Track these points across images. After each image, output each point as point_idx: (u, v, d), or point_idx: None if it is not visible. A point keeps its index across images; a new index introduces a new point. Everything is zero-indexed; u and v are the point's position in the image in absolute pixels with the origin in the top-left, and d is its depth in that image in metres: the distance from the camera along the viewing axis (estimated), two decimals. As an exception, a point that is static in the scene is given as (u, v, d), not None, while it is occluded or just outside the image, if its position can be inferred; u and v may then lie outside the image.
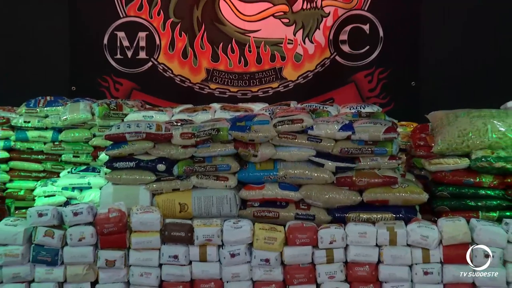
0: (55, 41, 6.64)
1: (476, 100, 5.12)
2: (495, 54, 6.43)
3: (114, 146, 4.50)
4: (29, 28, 6.59)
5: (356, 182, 4.37)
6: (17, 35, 6.58)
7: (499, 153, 4.53)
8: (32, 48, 6.58)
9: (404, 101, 6.43)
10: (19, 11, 6.56)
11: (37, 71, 6.48)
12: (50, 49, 6.63)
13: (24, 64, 6.52)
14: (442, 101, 5.24)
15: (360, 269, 4.22)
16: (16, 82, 6.29)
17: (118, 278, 4.26)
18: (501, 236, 4.21)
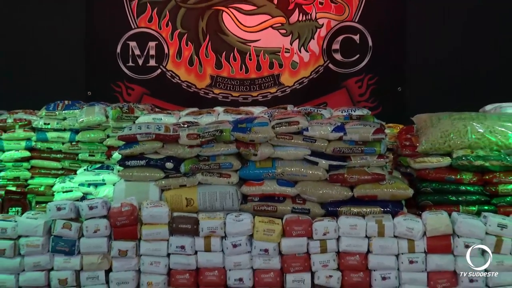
0: (72, 50, 6.63)
1: (457, 104, 5.12)
2: (474, 61, 6.43)
3: (126, 146, 4.49)
4: (49, 39, 6.58)
5: (348, 179, 4.37)
6: (38, 45, 6.58)
7: (478, 153, 4.53)
8: (51, 57, 6.57)
9: (391, 105, 6.42)
10: (39, 24, 6.57)
11: (56, 77, 6.48)
12: (68, 57, 6.62)
13: (45, 71, 6.51)
14: (426, 105, 5.23)
15: (351, 258, 4.22)
16: (37, 87, 6.29)
17: (130, 267, 4.26)
18: (480, 228, 4.22)
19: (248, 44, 6.66)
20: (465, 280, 4.21)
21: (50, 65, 6.54)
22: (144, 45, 6.66)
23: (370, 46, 6.60)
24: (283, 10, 6.61)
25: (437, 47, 6.50)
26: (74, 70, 6.59)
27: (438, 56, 6.50)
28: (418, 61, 6.55)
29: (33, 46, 6.56)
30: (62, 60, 6.59)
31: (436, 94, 6.18)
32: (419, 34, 6.52)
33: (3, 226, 4.30)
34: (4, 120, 5.56)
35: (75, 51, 6.62)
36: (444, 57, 6.48)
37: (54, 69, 6.53)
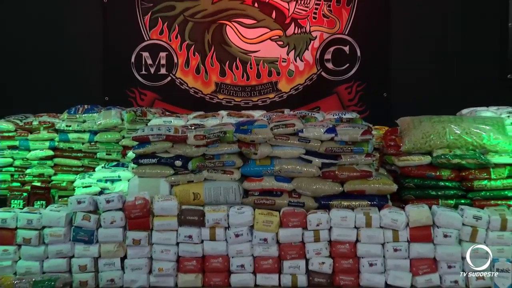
0: (91, 60, 6.63)
1: (437, 108, 5.11)
2: (451, 69, 6.44)
3: (140, 146, 4.49)
4: (71, 50, 6.59)
5: (338, 175, 4.36)
6: (61, 56, 6.58)
7: (455, 152, 4.53)
8: (72, 65, 6.57)
9: (377, 109, 6.42)
10: (63, 37, 6.56)
11: (77, 84, 6.48)
12: (87, 66, 6.62)
13: (67, 79, 6.51)
14: (409, 109, 5.22)
15: (341, 246, 4.22)
16: (60, 93, 6.28)
17: (143, 254, 4.25)
18: (457, 219, 4.22)
19: (249, 55, 6.65)
20: (444, 266, 4.22)
21: (71, 73, 6.54)
22: (155, 55, 6.65)
23: (359, 56, 6.59)
24: (281, 24, 6.61)
25: (418, 58, 6.51)
26: (93, 77, 6.59)
27: (419, 65, 6.51)
28: (402, 70, 6.55)
29: (57, 57, 6.56)
30: (82, 69, 6.59)
31: (418, 99, 6.18)
32: (402, 46, 6.53)
33: (29, 218, 4.30)
34: (30, 123, 5.56)
35: (94, 61, 6.62)
36: (424, 66, 6.49)
37: (75, 76, 6.53)
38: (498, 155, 4.58)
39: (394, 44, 6.55)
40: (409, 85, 6.49)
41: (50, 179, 5.46)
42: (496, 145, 4.57)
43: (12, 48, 6.54)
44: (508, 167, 4.57)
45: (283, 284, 4.23)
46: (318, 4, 6.60)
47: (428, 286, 4.19)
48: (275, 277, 4.24)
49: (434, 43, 6.50)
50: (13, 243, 4.30)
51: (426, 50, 6.51)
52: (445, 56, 6.51)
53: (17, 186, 5.36)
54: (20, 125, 5.55)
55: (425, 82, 6.44)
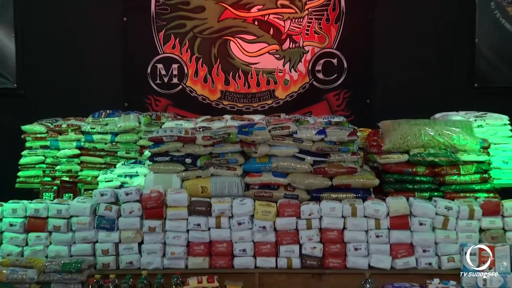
0: (113, 71, 6.62)
1: (413, 113, 5.12)
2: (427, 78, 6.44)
3: (155, 146, 4.50)
4: (94, 62, 6.58)
5: (328, 171, 4.37)
6: (87, 67, 6.57)
7: (429, 151, 4.54)
8: (96, 75, 6.57)
9: (362, 114, 6.41)
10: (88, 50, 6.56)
11: (100, 92, 6.47)
12: (109, 76, 6.62)
13: (91, 87, 6.51)
14: (389, 113, 5.23)
15: (330, 233, 4.23)
16: (85, 100, 6.28)
17: (157, 240, 4.27)
18: (431, 210, 4.24)
19: (250, 66, 6.65)
20: (419, 250, 4.23)
21: (96, 82, 6.54)
22: (168, 66, 6.64)
23: (345, 67, 6.59)
24: (277, 40, 6.60)
25: (398, 69, 6.51)
26: (114, 86, 6.58)
27: (398, 76, 6.51)
28: (383, 80, 6.55)
29: (83, 68, 6.57)
30: (105, 78, 6.59)
31: (397, 105, 6.17)
32: (384, 58, 6.52)
33: (58, 208, 4.32)
34: (60, 126, 5.56)
35: (115, 71, 6.62)
36: (403, 77, 6.49)
37: (99, 85, 6.53)
38: (466, 153, 4.59)
39: (376, 57, 6.55)
40: (389, 93, 6.49)
41: (77, 174, 5.45)
42: (465, 145, 4.57)
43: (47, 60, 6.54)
44: (475, 164, 4.58)
45: (280, 266, 4.24)
46: (310, 22, 6.60)
47: (406, 268, 4.21)
48: (272, 260, 4.25)
49: (411, 56, 6.50)
50: (44, 230, 4.32)
51: (404, 62, 6.50)
52: (421, 67, 6.50)
53: (48, 181, 5.35)
54: (51, 128, 5.55)
55: (404, 90, 6.44)
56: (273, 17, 6.64)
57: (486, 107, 5.59)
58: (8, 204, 4.40)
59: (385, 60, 6.53)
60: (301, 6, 6.60)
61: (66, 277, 3.88)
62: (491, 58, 6.45)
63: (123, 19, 6.63)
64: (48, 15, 6.54)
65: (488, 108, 5.54)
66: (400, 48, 6.52)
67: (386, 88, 6.51)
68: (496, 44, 6.42)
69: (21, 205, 4.37)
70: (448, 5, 6.47)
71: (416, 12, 6.48)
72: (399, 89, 6.46)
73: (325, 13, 6.60)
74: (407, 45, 6.51)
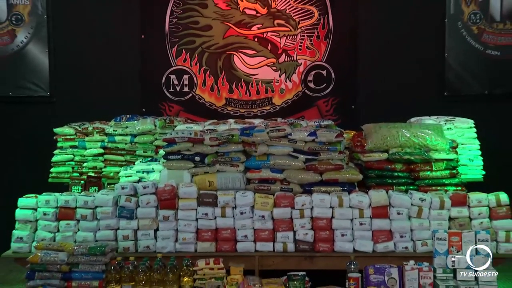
0: (132, 81, 6.62)
1: (392, 117, 5.11)
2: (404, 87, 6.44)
3: (168, 146, 4.49)
4: (115, 73, 6.58)
5: (318, 168, 4.37)
6: (109, 77, 6.57)
7: (406, 150, 4.55)
8: (117, 85, 6.57)
9: (347, 118, 6.41)
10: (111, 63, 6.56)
11: (121, 99, 6.47)
12: (129, 85, 6.62)
13: (113, 95, 6.50)
14: (371, 118, 5.23)
15: (320, 221, 4.23)
16: (108, 106, 6.26)
17: (170, 227, 4.26)
18: (407, 201, 4.24)
19: (250, 77, 6.64)
20: (397, 236, 4.22)
21: (117, 91, 6.54)
22: (180, 77, 6.64)
23: (333, 78, 6.59)
24: (274, 54, 6.60)
25: (379, 79, 6.51)
26: (133, 94, 6.58)
27: (379, 85, 6.51)
28: (366, 88, 6.55)
29: (106, 78, 6.57)
30: (125, 87, 6.59)
31: (378, 110, 6.17)
32: (367, 70, 6.53)
33: (85, 200, 4.32)
34: (86, 128, 5.56)
35: (134, 81, 6.62)
36: (383, 86, 6.49)
37: (120, 93, 6.53)
38: (437, 152, 4.59)
39: (360, 69, 6.55)
40: (371, 100, 6.49)
41: (101, 170, 5.45)
42: (436, 145, 4.57)
43: (75, 72, 6.56)
44: (445, 161, 4.58)
45: (276, 250, 4.24)
46: (302, 39, 6.60)
47: (385, 251, 4.21)
48: (270, 245, 4.24)
49: (391, 69, 6.50)
50: (73, 218, 4.32)
51: (384, 74, 6.51)
52: (399, 78, 6.50)
53: (76, 176, 5.35)
54: (78, 130, 5.55)
55: (384, 98, 6.44)
56: (270, 34, 6.64)
57: (454, 113, 5.60)
58: (42, 196, 4.40)
59: (367, 71, 6.54)
60: (295, 25, 6.60)
61: (92, 259, 3.87)
62: (459, 71, 6.46)
63: (141, 37, 6.63)
64: (76, 33, 6.55)
65: (456, 113, 5.55)
66: (381, 61, 6.53)
67: (368, 95, 6.51)
68: (462, 58, 6.45)
69: (53, 197, 4.37)
70: (422, 25, 6.50)
71: (395, 31, 6.49)
72: (380, 97, 6.46)
73: (315, 31, 6.60)
74: (387, 59, 6.52)
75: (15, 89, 6.49)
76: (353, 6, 6.55)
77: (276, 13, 6.61)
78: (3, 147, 6.45)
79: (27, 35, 6.47)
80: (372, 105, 6.42)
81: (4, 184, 6.13)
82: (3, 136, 6.45)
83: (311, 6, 6.59)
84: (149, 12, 6.62)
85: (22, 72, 6.50)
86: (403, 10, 6.46)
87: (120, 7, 6.57)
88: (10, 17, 6.42)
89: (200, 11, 6.64)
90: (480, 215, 4.28)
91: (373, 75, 6.52)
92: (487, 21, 6.37)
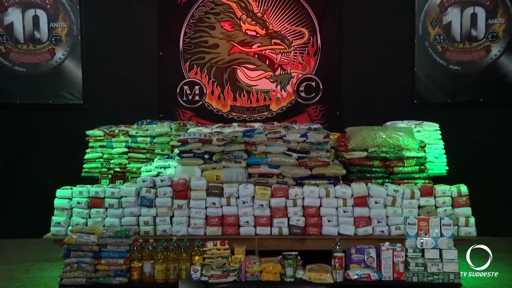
0: (151, 90, 6.58)
1: (370, 121, 5.10)
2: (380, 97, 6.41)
3: (182, 145, 4.48)
4: (138, 84, 6.55)
5: (308, 164, 4.36)
6: (132, 87, 6.53)
7: (382, 149, 4.54)
8: (139, 94, 6.52)
9: (333, 122, 6.38)
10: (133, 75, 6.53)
11: (142, 106, 6.43)
12: (149, 94, 6.57)
13: (136, 102, 6.46)
14: (353, 122, 5.22)
15: (310, 209, 4.22)
16: (131, 112, 6.22)
17: (184, 214, 4.26)
18: (383, 192, 4.24)
19: (251, 87, 6.62)
20: (375, 221, 4.22)
21: (139, 99, 6.50)
22: (192, 88, 6.61)
23: (321, 88, 6.56)
24: (271, 68, 6.58)
25: (360, 90, 6.48)
26: (152, 102, 6.55)
27: (360, 95, 6.48)
28: (348, 97, 6.52)
29: (130, 89, 6.53)
30: (145, 96, 6.55)
31: (359, 116, 6.16)
32: (349, 81, 6.50)
33: (112, 191, 4.32)
34: (113, 131, 5.54)
35: (153, 91, 6.58)
36: (363, 95, 6.46)
37: (141, 101, 6.48)
38: (409, 151, 4.58)
39: (344, 82, 6.53)
40: (353, 107, 6.47)
41: (126, 166, 5.42)
42: (407, 145, 4.56)
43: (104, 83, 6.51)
44: (415, 159, 4.57)
45: (273, 233, 4.23)
46: (295, 55, 6.58)
47: (365, 234, 4.19)
48: (268, 229, 4.24)
49: (370, 80, 6.48)
50: (102, 207, 4.31)
51: (364, 85, 6.48)
52: (377, 88, 6.48)
53: (105, 171, 5.33)
54: (107, 132, 5.52)
55: (364, 105, 6.42)
56: (268, 51, 6.62)
57: (422, 118, 5.58)
58: (76, 188, 4.40)
59: (350, 83, 6.53)
60: (289, 44, 6.59)
61: (118, 241, 3.87)
62: (426, 82, 6.45)
63: (160, 53, 6.61)
64: (104, 51, 6.53)
65: (424, 118, 5.53)
66: (361, 75, 6.52)
67: (351, 103, 6.50)
68: (429, 72, 6.43)
69: (85, 189, 4.36)
70: (396, 44, 6.47)
71: (373, 49, 6.47)
72: (360, 104, 6.45)
73: (306, 49, 6.59)
74: (366, 72, 6.51)
75: (54, 98, 6.49)
76: (337, 28, 6.53)
77: (273, 34, 6.60)
78: (44, 146, 6.45)
79: (64, 53, 6.49)
80: (354, 111, 6.40)
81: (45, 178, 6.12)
82: (44, 137, 6.46)
83: (303, 28, 6.58)
84: (166, 33, 6.61)
85: (60, 84, 6.50)
86: (380, 32, 6.46)
87: (141, 29, 6.56)
88: (50, 38, 6.45)
89: (209, 32, 6.62)
90: (444, 204, 4.28)
91: (355, 86, 6.52)
92: (449, 41, 6.40)
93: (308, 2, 6.52)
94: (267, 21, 6.59)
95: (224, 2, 6.57)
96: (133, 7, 6.53)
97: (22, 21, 6.37)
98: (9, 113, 6.44)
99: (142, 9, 6.54)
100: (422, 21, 6.40)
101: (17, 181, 6.42)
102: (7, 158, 6.46)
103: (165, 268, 3.83)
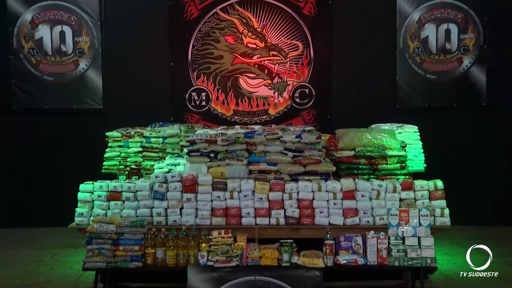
0: (163, 96, 6.58)
1: (357, 124, 5.07)
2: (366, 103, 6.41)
3: (190, 145, 4.45)
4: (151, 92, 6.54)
5: (303, 162, 4.32)
6: (146, 94, 6.52)
7: (368, 149, 4.50)
8: (152, 100, 6.53)
9: (324, 125, 6.37)
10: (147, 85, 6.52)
11: (155, 110, 6.42)
12: (161, 100, 6.57)
13: (149, 107, 6.45)
14: (342, 124, 5.18)
15: (304, 202, 4.19)
16: (145, 115, 6.19)
17: (192, 206, 4.22)
18: (368, 187, 4.21)
19: (252, 94, 6.60)
20: (361, 213, 4.18)
21: (152, 104, 6.50)
22: (199, 94, 6.60)
23: (314, 95, 6.55)
24: (270, 77, 6.57)
25: (348, 96, 6.48)
26: (164, 106, 6.54)
27: (348, 101, 6.48)
28: (338, 103, 6.51)
29: (144, 95, 6.53)
30: (158, 101, 6.56)
31: (347, 119, 6.11)
32: (339, 89, 6.50)
33: (129, 186, 4.29)
34: (129, 132, 5.48)
35: (165, 97, 6.58)
36: (351, 101, 6.46)
37: (154, 106, 6.48)
38: (391, 150, 4.54)
39: (334, 89, 6.53)
40: (342, 111, 6.47)
41: (141, 164, 5.36)
42: (390, 145, 4.53)
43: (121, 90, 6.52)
44: (397, 157, 4.53)
45: (271, 223, 4.19)
46: (291, 65, 6.57)
47: (352, 224, 4.16)
48: (266, 219, 4.20)
49: (356, 88, 6.49)
50: (120, 199, 4.28)
51: (352, 92, 6.49)
52: (363, 95, 6.48)
53: (122, 168, 5.28)
54: (123, 133, 5.47)
55: (351, 109, 6.42)
56: (267, 62, 6.61)
57: (403, 121, 5.54)
58: (97, 183, 4.36)
59: (339, 90, 6.54)
60: (285, 55, 6.59)
61: (134, 230, 3.85)
62: (406, 90, 6.47)
63: (171, 64, 6.61)
64: (122, 62, 6.55)
65: (405, 121, 5.49)
66: (349, 83, 6.52)
67: (340, 108, 6.50)
68: (409, 81, 6.46)
69: (105, 183, 4.33)
70: (379, 56, 6.47)
71: (359, 60, 6.48)
72: (349, 109, 6.45)
73: (300, 60, 6.58)
74: (354, 81, 6.51)
75: (78, 103, 6.52)
76: (328, 41, 6.54)
77: (271, 46, 6.59)
78: (68, 146, 6.47)
79: (86, 63, 6.53)
80: (342, 115, 6.39)
81: (69, 174, 6.12)
82: (69, 138, 6.48)
83: (297, 41, 6.58)
84: (177, 46, 6.60)
85: (83, 91, 6.52)
86: (366, 45, 6.47)
87: (155, 42, 6.58)
88: (75, 50, 6.51)
89: (214, 45, 6.61)
90: (422, 197, 4.25)
91: (343, 93, 6.52)
92: (426, 53, 6.44)
93: (302, 19, 6.52)
94: (266, 35, 6.58)
95: (228, 18, 6.57)
96: (147, 23, 6.52)
97: (51, 36, 6.45)
98: (40, 117, 6.49)
99: (155, 25, 6.52)
100: (403, 36, 6.42)
101: (46, 177, 6.44)
102: (38, 157, 6.48)
103: (175, 254, 3.81)
